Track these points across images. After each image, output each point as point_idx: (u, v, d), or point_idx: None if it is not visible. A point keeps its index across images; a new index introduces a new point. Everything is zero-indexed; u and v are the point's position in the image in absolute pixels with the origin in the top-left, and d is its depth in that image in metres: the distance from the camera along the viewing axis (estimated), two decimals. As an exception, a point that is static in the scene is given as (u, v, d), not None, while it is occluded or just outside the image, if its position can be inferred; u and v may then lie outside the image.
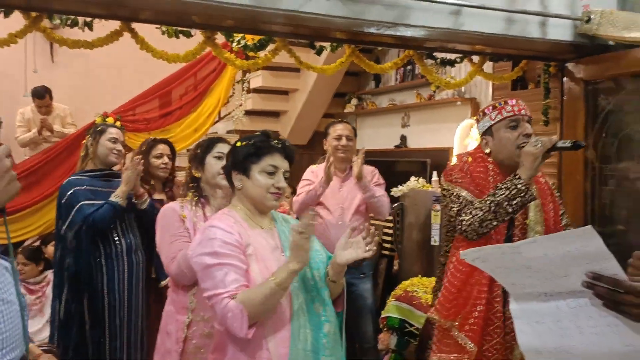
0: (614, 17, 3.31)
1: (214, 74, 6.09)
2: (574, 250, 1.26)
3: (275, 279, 1.74)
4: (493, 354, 2.23)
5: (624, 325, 1.28)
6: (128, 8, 2.77)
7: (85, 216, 2.92)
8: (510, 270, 1.41)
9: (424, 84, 5.62)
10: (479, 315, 2.22)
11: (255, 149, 1.92)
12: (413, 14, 3.10)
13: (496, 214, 2.16)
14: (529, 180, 2.15)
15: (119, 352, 3.04)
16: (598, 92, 3.69)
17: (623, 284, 1.26)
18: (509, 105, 2.34)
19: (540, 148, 2.15)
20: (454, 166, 2.42)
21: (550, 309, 1.37)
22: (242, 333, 1.73)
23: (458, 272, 2.32)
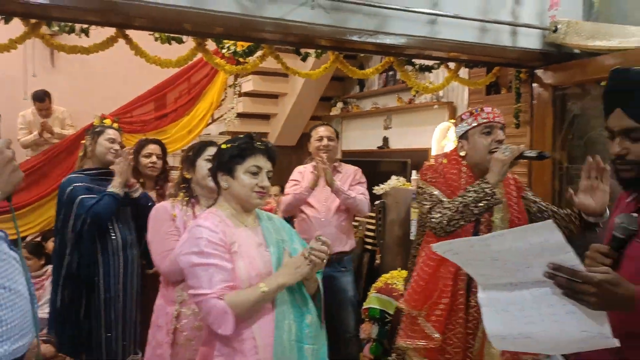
0: (580, 27, 3.35)
1: (206, 79, 6.08)
2: (537, 243, 1.28)
3: (263, 288, 1.77)
4: (454, 342, 2.29)
5: (581, 313, 1.31)
6: (123, 16, 2.76)
7: (88, 208, 2.91)
8: (479, 262, 1.43)
9: (404, 89, 5.65)
10: (445, 307, 2.27)
11: (240, 150, 1.92)
12: (392, 23, 3.13)
13: (463, 214, 2.20)
14: (496, 184, 2.19)
15: (114, 344, 3.02)
16: (565, 97, 3.73)
17: (580, 274, 1.28)
18: (484, 113, 2.37)
19: (509, 155, 2.18)
20: (430, 166, 2.45)
21: (515, 297, 1.39)
22: (226, 332, 1.75)
23: (426, 266, 2.36)
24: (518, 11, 3.45)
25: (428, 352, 2.31)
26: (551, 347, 1.42)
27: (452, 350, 2.28)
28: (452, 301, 2.28)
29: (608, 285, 1.27)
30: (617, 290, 1.28)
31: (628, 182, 1.51)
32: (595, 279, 1.27)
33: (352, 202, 3.58)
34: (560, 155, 3.75)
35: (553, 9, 3.34)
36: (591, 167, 2.02)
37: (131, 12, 2.68)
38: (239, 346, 1.81)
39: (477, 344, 2.28)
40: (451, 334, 2.28)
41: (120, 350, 3.06)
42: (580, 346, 1.38)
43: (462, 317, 2.28)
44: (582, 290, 1.28)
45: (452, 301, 2.28)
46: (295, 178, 3.77)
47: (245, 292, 1.78)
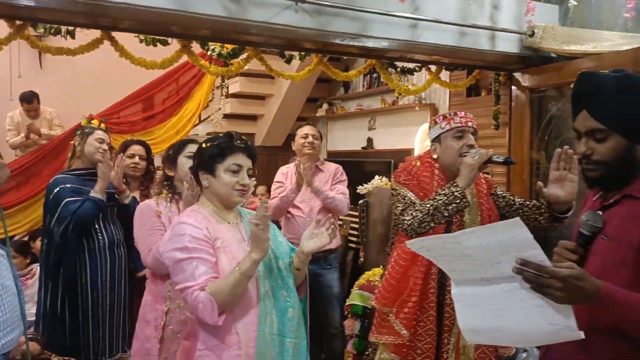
0: (555, 32, 3.40)
1: (194, 80, 6.08)
2: (505, 239, 1.31)
3: (239, 269, 1.77)
4: (425, 338, 2.33)
5: (548, 307, 1.34)
6: (110, 18, 2.75)
7: (72, 212, 2.91)
8: (451, 258, 1.46)
9: (388, 91, 5.68)
10: (413, 305, 2.31)
11: (220, 149, 1.93)
12: (374, 26, 3.15)
13: (434, 217, 2.23)
14: (465, 188, 2.23)
15: (100, 342, 3.02)
16: (542, 99, 3.78)
17: (547, 269, 1.31)
18: (457, 117, 2.40)
19: (477, 160, 2.22)
20: (403, 168, 2.48)
21: (486, 292, 1.42)
22: (213, 321, 1.75)
23: (398, 266, 2.41)
24: (496, 16, 3.49)
25: (397, 348, 2.35)
26: (521, 340, 1.46)
27: (423, 347, 2.32)
28: (422, 299, 2.32)
29: (573, 280, 1.31)
30: (581, 284, 1.32)
31: (593, 181, 1.55)
32: (561, 274, 1.30)
33: (330, 202, 3.61)
34: (538, 156, 3.80)
35: (529, 14, 3.38)
36: (560, 158, 2.06)
37: (117, 15, 2.67)
38: (222, 340, 1.82)
39: (453, 340, 2.32)
40: (422, 330, 2.32)
41: (108, 348, 3.06)
42: (548, 338, 1.42)
43: (432, 315, 2.32)
44: (549, 285, 1.31)
45: (421, 299, 2.32)
46: (279, 180, 3.79)
47: (224, 279, 1.79)
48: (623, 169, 1.50)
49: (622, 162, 1.49)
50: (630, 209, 1.47)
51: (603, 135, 1.49)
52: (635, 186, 1.48)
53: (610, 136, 1.49)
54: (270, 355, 1.85)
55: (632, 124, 1.47)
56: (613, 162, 1.50)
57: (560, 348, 1.49)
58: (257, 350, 1.83)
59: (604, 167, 1.51)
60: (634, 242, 1.42)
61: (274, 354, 1.86)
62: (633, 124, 1.47)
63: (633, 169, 1.50)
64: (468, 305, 1.47)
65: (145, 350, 2.44)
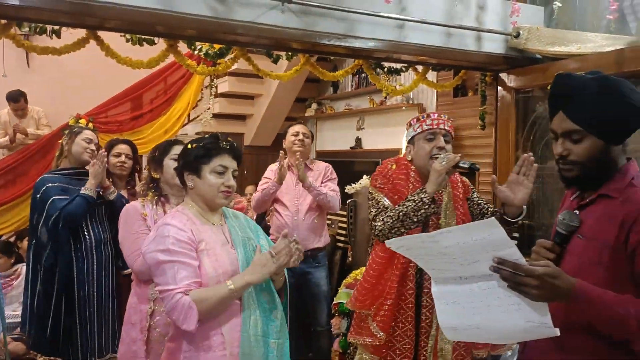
0: (540, 33, 3.43)
1: (183, 80, 6.06)
2: (482, 239, 1.33)
3: (231, 286, 1.78)
4: (404, 339, 2.35)
5: (525, 304, 1.36)
6: (96, 18, 2.73)
7: (60, 209, 2.89)
8: (429, 257, 1.47)
9: (376, 91, 5.69)
10: (389, 307, 2.33)
11: (205, 150, 1.92)
12: (361, 27, 3.16)
13: (403, 222, 2.25)
14: (433, 194, 2.25)
15: (89, 342, 3.01)
16: (527, 99, 3.81)
17: (523, 268, 1.33)
18: (429, 119, 2.41)
19: (445, 166, 2.24)
20: (379, 172, 2.50)
21: (465, 290, 1.44)
22: (189, 328, 1.75)
23: (371, 269, 2.44)
24: (482, 17, 3.51)
25: (375, 349, 2.37)
26: (499, 337, 1.48)
27: (401, 347, 2.34)
28: (401, 301, 2.34)
29: (548, 278, 1.33)
30: (556, 282, 1.34)
31: (569, 180, 1.57)
32: (537, 272, 1.32)
33: (323, 198, 3.62)
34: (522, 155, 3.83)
35: (514, 15, 3.41)
36: (522, 163, 2.09)
37: (103, 14, 2.66)
38: (206, 341, 1.82)
39: (431, 342, 2.34)
40: (401, 331, 2.34)
41: (97, 348, 3.04)
42: (524, 335, 1.44)
43: (411, 316, 2.33)
44: (525, 283, 1.33)
45: (398, 301, 2.34)
46: (267, 176, 3.79)
47: (212, 289, 1.79)
48: (598, 169, 1.52)
49: (598, 163, 1.51)
50: (606, 208, 1.49)
51: (579, 136, 1.52)
52: (611, 186, 1.51)
53: (586, 137, 1.51)
54: (254, 356, 1.85)
55: (607, 126, 1.49)
56: (588, 162, 1.52)
57: (537, 345, 1.51)
58: (241, 351, 1.83)
59: (580, 168, 1.53)
60: (609, 241, 1.44)
61: (258, 355, 1.86)
62: (608, 125, 1.49)
63: (609, 170, 1.53)
64: (448, 304, 1.48)
65: (132, 353, 2.42)
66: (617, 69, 3.00)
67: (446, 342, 2.33)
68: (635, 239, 1.40)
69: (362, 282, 2.49)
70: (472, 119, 4.45)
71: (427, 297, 2.33)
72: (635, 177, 1.51)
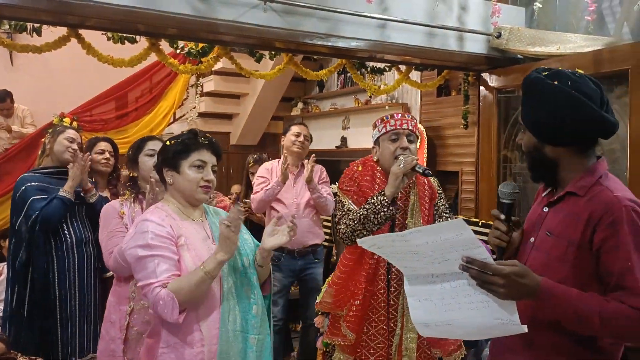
0: (521, 34, 3.47)
1: (168, 78, 6.05)
2: (450, 238, 1.35)
3: (204, 268, 1.76)
4: (378, 338, 2.37)
5: (493, 302, 1.38)
6: (76, 16, 2.72)
7: (38, 211, 2.88)
8: (401, 255, 1.49)
9: (362, 90, 5.71)
10: (357, 308, 2.35)
11: (184, 145, 1.92)
12: (344, 27, 3.18)
13: (365, 225, 2.29)
14: (392, 196, 2.28)
15: (70, 342, 2.99)
16: (509, 99, 3.85)
17: (491, 267, 1.35)
18: (393, 120, 2.44)
19: (402, 169, 2.27)
20: (346, 174, 2.53)
21: (436, 288, 1.46)
22: (173, 318, 1.74)
23: (339, 271, 2.48)
24: (464, 17, 3.54)
25: (350, 349, 2.39)
26: (470, 333, 1.50)
27: (375, 346, 2.36)
28: (372, 300, 2.36)
29: (515, 277, 1.35)
30: (523, 281, 1.36)
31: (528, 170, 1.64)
32: (504, 271, 1.35)
33: (323, 201, 3.64)
34: (504, 154, 3.87)
35: (495, 16, 3.44)
36: None
37: (83, 12, 2.65)
38: (185, 337, 1.82)
39: (396, 341, 2.36)
40: (374, 330, 2.36)
41: (78, 348, 3.03)
42: (494, 332, 1.46)
43: (384, 315, 2.36)
44: (492, 282, 1.35)
45: (370, 301, 2.36)
46: (262, 175, 3.78)
47: (186, 276, 1.78)
48: (536, 164, 1.59)
49: (534, 158, 1.58)
50: (573, 206, 1.51)
51: (522, 129, 1.62)
52: (579, 183, 1.53)
53: (525, 132, 1.60)
54: (233, 351, 1.85)
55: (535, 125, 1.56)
56: (527, 155, 1.61)
57: (505, 342, 1.54)
58: (219, 347, 1.83)
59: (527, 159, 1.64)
60: (574, 239, 1.47)
61: (237, 350, 1.86)
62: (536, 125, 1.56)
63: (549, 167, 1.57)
64: (420, 300, 1.50)
65: (110, 351, 2.43)
66: (595, 69, 3.04)
67: (410, 340, 2.35)
68: (600, 238, 1.43)
69: (331, 283, 2.52)
70: (455, 118, 4.48)
71: (394, 296, 2.37)
72: (603, 175, 1.53)
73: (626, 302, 1.37)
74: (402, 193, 2.43)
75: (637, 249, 1.39)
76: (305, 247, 3.67)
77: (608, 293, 1.42)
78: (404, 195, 2.44)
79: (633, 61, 2.90)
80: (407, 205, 2.42)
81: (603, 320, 1.36)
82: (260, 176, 3.77)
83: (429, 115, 5.02)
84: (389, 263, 2.35)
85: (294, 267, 3.69)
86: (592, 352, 1.47)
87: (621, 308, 1.37)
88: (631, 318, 1.36)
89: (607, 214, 1.42)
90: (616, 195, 1.44)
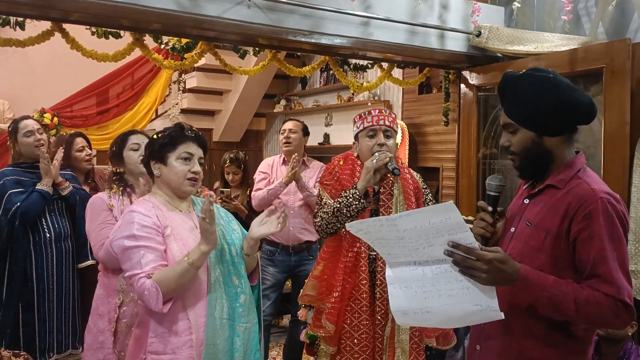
0: (500, 33, 3.54)
1: (150, 74, 6.04)
2: (438, 222, 1.41)
3: (188, 259, 1.80)
4: (360, 328, 2.40)
5: (474, 288, 1.44)
6: (59, 10, 2.72)
7: (17, 204, 2.87)
8: (387, 241, 1.53)
9: (344, 87, 5.75)
10: (336, 300, 2.40)
11: (170, 138, 1.96)
12: (327, 24, 3.21)
13: (338, 217, 2.36)
14: (364, 189, 2.34)
15: (48, 336, 2.99)
16: (488, 97, 3.92)
17: (475, 252, 1.41)
18: (370, 116, 2.50)
19: (374, 164, 2.34)
20: (327, 168, 2.60)
21: (417, 275, 1.51)
22: (158, 308, 1.78)
23: (318, 265, 2.55)
24: (445, 16, 3.60)
25: (333, 340, 2.43)
26: (447, 320, 1.54)
27: (359, 337, 2.40)
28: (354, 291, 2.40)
29: (497, 263, 1.41)
30: (504, 267, 1.42)
31: (516, 169, 1.68)
32: (487, 257, 1.41)
33: (313, 200, 3.61)
34: (484, 151, 3.94)
35: (475, 15, 3.50)
36: None
37: (67, 7, 2.65)
38: (173, 327, 1.85)
39: (387, 333, 2.40)
40: (357, 321, 2.40)
41: (57, 344, 3.03)
42: (472, 319, 1.52)
43: (366, 306, 2.39)
44: (475, 267, 1.41)
45: (349, 293, 2.40)
46: (264, 170, 3.79)
47: (171, 267, 1.81)
48: (533, 159, 1.63)
49: (531, 154, 1.62)
50: (551, 198, 1.58)
51: (513, 128, 1.63)
52: (558, 177, 1.60)
53: (519, 130, 1.62)
54: (220, 339, 1.88)
55: (534, 118, 1.59)
56: (523, 153, 1.63)
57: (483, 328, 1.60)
58: (206, 335, 1.86)
59: (518, 158, 1.65)
60: (552, 229, 1.53)
61: (224, 338, 1.89)
62: (535, 118, 1.59)
63: (543, 160, 1.62)
64: (400, 288, 1.54)
65: (99, 343, 2.44)
66: (571, 68, 3.12)
67: (403, 331, 2.39)
68: (577, 229, 1.49)
69: (310, 276, 2.57)
70: (436, 115, 4.56)
71: (380, 289, 2.41)
72: (582, 169, 1.60)
73: (600, 290, 1.44)
74: (386, 188, 2.48)
75: (611, 239, 1.46)
76: (300, 244, 3.71)
77: (583, 281, 1.49)
78: (387, 190, 2.48)
79: (607, 60, 2.98)
80: (391, 200, 2.47)
81: (578, 306, 1.43)
82: (262, 171, 3.80)
83: (410, 112, 5.09)
84: (374, 257, 2.41)
85: (288, 263, 3.73)
86: (565, 337, 1.54)
87: (595, 295, 1.44)
88: (603, 304, 1.43)
89: (583, 206, 1.49)
90: (593, 188, 1.51)
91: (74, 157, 3.39)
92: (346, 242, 2.45)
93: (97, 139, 5.34)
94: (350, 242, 2.43)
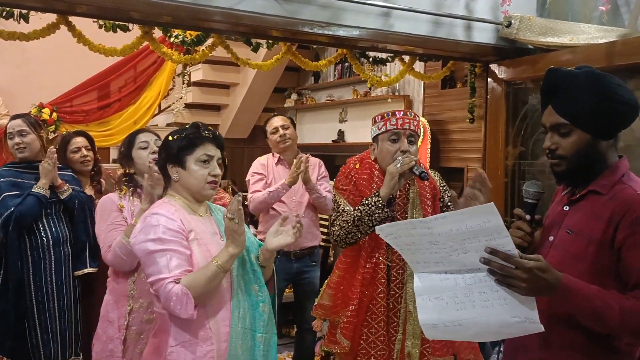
0: (532, 23, 3.54)
1: (154, 67, 6.08)
2: (476, 225, 1.41)
3: (217, 262, 1.84)
4: (378, 345, 2.40)
5: (512, 299, 1.45)
6: (65, 2, 2.76)
7: (12, 208, 2.90)
8: (417, 247, 1.53)
9: (360, 81, 5.77)
10: (352, 314, 2.40)
11: (188, 140, 1.99)
12: (345, 15, 3.23)
13: (359, 227, 2.34)
14: (387, 197, 2.33)
15: (50, 345, 3.02)
16: (518, 92, 3.92)
17: (514, 260, 1.43)
18: (394, 118, 2.44)
19: (399, 169, 2.31)
20: (342, 172, 2.57)
21: (449, 285, 1.51)
22: (187, 314, 1.81)
23: (335, 275, 2.54)
24: (472, 5, 3.61)
25: (350, 357, 2.44)
26: (481, 333, 1.55)
27: (376, 354, 2.40)
28: (370, 306, 2.40)
29: (538, 272, 1.43)
30: (545, 276, 1.44)
31: (559, 175, 1.68)
32: (528, 265, 1.42)
33: (322, 201, 3.63)
34: (513, 151, 3.95)
35: (506, 4, 3.51)
36: (476, 179, 2.18)
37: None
38: (194, 335, 1.89)
39: (397, 347, 2.41)
40: (374, 337, 2.40)
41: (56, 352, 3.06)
42: (509, 332, 1.53)
43: (383, 320, 2.40)
44: (515, 276, 1.42)
45: (366, 307, 2.40)
46: (258, 171, 3.74)
47: (199, 271, 1.85)
48: (586, 164, 1.63)
49: (585, 158, 1.62)
50: (594, 204, 1.60)
51: (566, 130, 1.62)
52: (601, 182, 1.61)
53: (573, 131, 1.61)
54: (242, 349, 1.92)
55: (594, 120, 1.60)
56: (576, 156, 1.62)
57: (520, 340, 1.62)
58: (230, 344, 1.90)
59: (567, 162, 1.64)
60: (594, 236, 1.55)
61: (245, 349, 1.93)
62: (595, 119, 1.59)
63: (596, 165, 1.63)
64: (430, 299, 1.55)
65: (109, 351, 2.49)
66: (608, 62, 3.12)
67: (413, 346, 2.39)
68: (622, 237, 1.51)
69: (326, 288, 2.56)
70: (460, 112, 4.56)
71: (394, 299, 2.41)
72: (625, 174, 1.62)
73: None
74: (402, 191, 2.47)
75: None
76: (302, 249, 3.68)
77: (628, 291, 1.50)
78: (403, 194, 2.47)
79: (648, 54, 2.98)
80: (407, 204, 2.46)
81: (623, 317, 1.45)
82: (257, 172, 3.73)
83: (432, 109, 5.10)
84: (388, 266, 2.41)
85: (289, 270, 3.69)
86: (608, 352, 1.56)
87: None
88: None
89: (629, 212, 1.51)
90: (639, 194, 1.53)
91: (68, 159, 3.37)
92: (365, 252, 2.44)
93: (98, 136, 5.38)
94: (370, 252, 2.43)
